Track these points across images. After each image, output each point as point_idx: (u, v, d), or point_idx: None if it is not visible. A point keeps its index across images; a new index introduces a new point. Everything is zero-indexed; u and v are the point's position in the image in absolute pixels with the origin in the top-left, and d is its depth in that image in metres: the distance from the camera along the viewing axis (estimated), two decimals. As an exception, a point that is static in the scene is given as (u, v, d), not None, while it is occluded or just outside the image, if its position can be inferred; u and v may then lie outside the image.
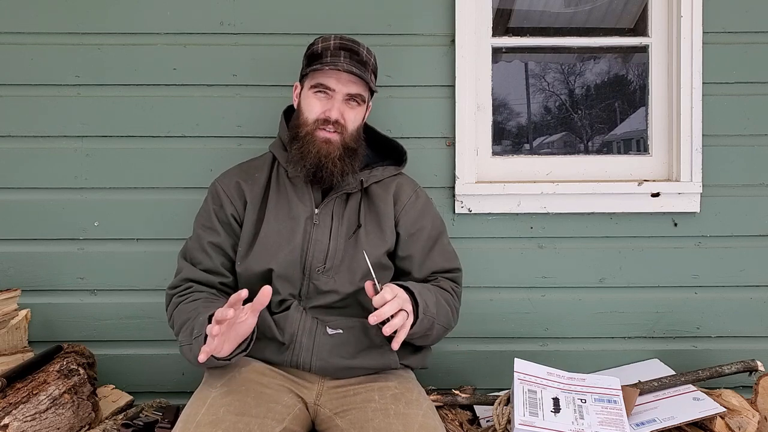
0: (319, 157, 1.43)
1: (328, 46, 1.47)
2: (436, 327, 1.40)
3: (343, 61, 1.43)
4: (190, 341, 1.29)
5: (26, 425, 1.38)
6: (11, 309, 1.67)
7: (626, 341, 1.93)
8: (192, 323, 1.32)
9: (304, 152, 1.44)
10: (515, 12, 2.06)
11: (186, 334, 1.32)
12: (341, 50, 1.46)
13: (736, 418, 1.51)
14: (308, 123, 1.46)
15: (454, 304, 1.50)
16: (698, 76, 1.87)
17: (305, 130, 1.46)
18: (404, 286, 1.35)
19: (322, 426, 1.38)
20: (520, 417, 1.40)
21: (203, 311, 1.32)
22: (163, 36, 1.85)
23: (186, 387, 1.78)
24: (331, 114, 1.45)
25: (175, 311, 1.41)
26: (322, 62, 1.44)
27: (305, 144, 1.44)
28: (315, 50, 1.48)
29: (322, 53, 1.46)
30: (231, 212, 1.49)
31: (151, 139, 1.86)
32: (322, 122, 1.45)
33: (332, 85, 1.45)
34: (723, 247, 1.91)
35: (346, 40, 1.49)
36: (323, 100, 1.46)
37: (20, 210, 1.85)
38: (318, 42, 1.50)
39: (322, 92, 1.46)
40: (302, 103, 1.50)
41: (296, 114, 1.52)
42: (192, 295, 1.42)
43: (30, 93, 1.84)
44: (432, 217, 1.57)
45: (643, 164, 1.96)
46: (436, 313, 1.39)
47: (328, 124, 1.45)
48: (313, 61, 1.47)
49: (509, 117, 2.12)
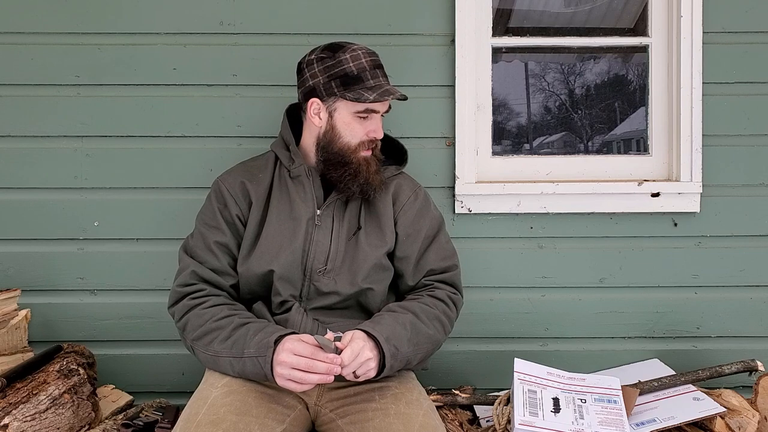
0: (368, 177, 1.46)
1: (362, 66, 1.43)
2: (418, 356, 1.39)
3: (385, 85, 1.45)
4: (239, 355, 1.29)
5: (26, 425, 1.38)
6: (11, 309, 1.67)
7: (626, 341, 1.93)
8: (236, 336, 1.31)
9: (355, 174, 1.46)
10: (515, 12, 2.06)
11: (226, 345, 1.31)
12: (376, 69, 1.46)
13: (736, 418, 1.51)
14: (351, 146, 1.46)
15: (446, 315, 1.46)
16: (698, 76, 1.87)
17: (354, 157, 1.46)
18: (370, 333, 1.29)
19: (323, 426, 1.38)
20: (520, 417, 1.40)
21: (248, 324, 1.33)
22: (163, 36, 1.85)
23: (186, 387, 1.77)
24: (378, 134, 1.48)
25: (191, 314, 1.38)
26: (366, 87, 1.42)
27: (359, 168, 1.46)
28: (349, 72, 1.42)
29: (360, 75, 1.43)
30: (236, 213, 1.49)
31: (151, 139, 1.86)
32: (367, 144, 1.48)
33: (378, 108, 1.47)
34: (723, 247, 1.91)
35: (374, 56, 1.48)
36: (364, 122, 1.47)
37: (20, 210, 1.85)
38: (347, 60, 1.43)
39: (366, 116, 1.46)
40: (340, 126, 1.46)
41: (330, 134, 1.46)
42: (209, 299, 1.40)
43: (30, 93, 1.84)
44: (430, 218, 1.56)
45: (643, 164, 1.96)
46: (413, 349, 1.35)
47: (372, 144, 1.48)
48: (353, 84, 1.42)
49: (509, 117, 2.12)
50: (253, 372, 1.28)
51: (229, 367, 1.32)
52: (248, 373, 1.29)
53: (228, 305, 1.41)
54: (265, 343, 1.26)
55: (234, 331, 1.32)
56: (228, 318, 1.35)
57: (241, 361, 1.29)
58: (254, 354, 1.26)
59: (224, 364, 1.32)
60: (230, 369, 1.32)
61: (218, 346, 1.32)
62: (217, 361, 1.33)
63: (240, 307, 1.43)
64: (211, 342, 1.33)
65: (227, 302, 1.42)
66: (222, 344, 1.32)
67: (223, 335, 1.32)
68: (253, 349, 1.27)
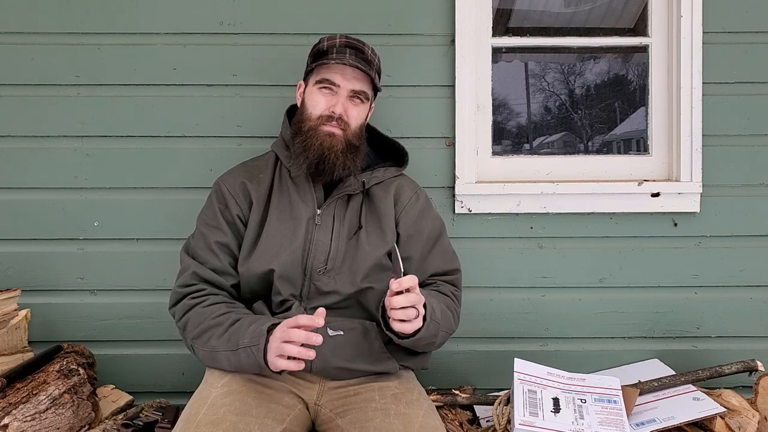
0: (323, 149, 1.44)
1: (334, 43, 1.49)
2: (441, 333, 1.40)
3: (348, 57, 1.45)
4: (234, 348, 1.29)
5: (26, 425, 1.38)
6: (11, 309, 1.67)
7: (626, 341, 1.93)
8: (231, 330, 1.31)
9: (307, 145, 1.45)
10: (515, 12, 2.06)
11: (222, 340, 1.31)
12: (347, 48, 1.48)
13: (736, 418, 1.51)
14: (312, 118, 1.47)
15: (455, 309, 1.50)
16: (698, 76, 1.87)
17: (309, 125, 1.46)
18: None
19: (323, 426, 1.38)
20: (520, 417, 1.40)
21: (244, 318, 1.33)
22: (163, 36, 1.85)
23: (186, 387, 1.77)
24: (336, 109, 1.45)
25: (191, 313, 1.39)
26: (327, 58, 1.45)
27: (309, 138, 1.45)
28: (321, 48, 1.50)
29: (328, 50, 1.48)
30: (237, 213, 1.49)
31: (151, 139, 1.86)
32: (326, 118, 1.46)
33: (337, 81, 1.46)
34: (723, 247, 1.91)
35: (352, 39, 1.50)
36: (328, 96, 1.47)
37: (20, 210, 1.85)
38: (324, 40, 1.52)
39: (327, 88, 1.46)
40: (306, 99, 1.50)
41: (300, 110, 1.53)
42: (208, 298, 1.41)
43: (30, 93, 1.84)
44: (432, 219, 1.57)
45: (643, 164, 1.96)
46: (441, 318, 1.38)
47: (332, 120, 1.45)
48: (319, 57, 1.48)
49: (509, 117, 2.12)
50: (247, 363, 1.28)
51: (226, 361, 1.32)
52: (243, 364, 1.30)
53: (227, 303, 1.41)
54: (258, 332, 1.27)
55: (230, 326, 1.33)
56: (226, 315, 1.36)
57: (236, 354, 1.29)
58: (248, 344, 1.27)
59: (222, 359, 1.33)
60: (227, 363, 1.32)
61: (215, 342, 1.33)
62: (215, 356, 1.34)
63: (239, 305, 1.43)
64: (209, 339, 1.34)
65: (226, 300, 1.43)
66: (218, 339, 1.33)
67: (220, 331, 1.33)
68: (247, 340, 1.28)
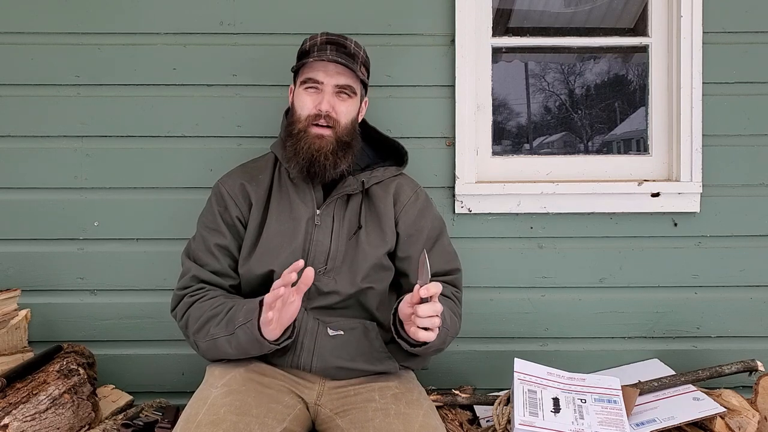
0: (311, 152, 1.44)
1: (315, 42, 1.49)
2: (448, 339, 1.42)
3: (329, 53, 1.45)
4: (232, 330, 1.31)
5: (26, 425, 1.38)
6: (11, 309, 1.67)
7: (626, 341, 1.93)
8: (228, 315, 1.33)
9: (297, 149, 1.45)
10: (515, 12, 2.06)
11: (221, 326, 1.33)
12: (327, 44, 1.48)
13: (736, 418, 1.51)
14: (301, 120, 1.47)
15: (458, 313, 1.51)
16: (698, 76, 1.87)
17: (298, 127, 1.47)
18: None
19: (323, 426, 1.38)
20: (520, 417, 1.40)
21: (239, 303, 1.35)
22: (163, 36, 1.85)
23: (186, 387, 1.77)
24: (322, 107, 1.45)
25: (192, 309, 1.41)
26: (309, 57, 1.46)
27: (298, 141, 1.45)
28: (303, 48, 1.51)
29: (310, 50, 1.48)
30: (236, 215, 1.49)
31: (151, 139, 1.86)
32: (314, 117, 1.45)
33: (320, 78, 1.45)
34: (723, 247, 1.91)
35: (333, 36, 1.50)
36: (313, 95, 1.47)
37: (20, 210, 1.85)
38: (306, 41, 1.52)
39: (312, 87, 1.46)
40: (295, 101, 1.50)
41: (290, 113, 1.53)
42: (207, 293, 1.43)
43: (30, 93, 1.84)
44: (432, 218, 1.57)
45: (643, 164, 1.96)
46: (450, 325, 1.40)
47: (320, 119, 1.45)
48: (302, 58, 1.49)
49: (509, 117, 2.12)
50: (246, 341, 1.29)
51: (227, 346, 1.33)
52: (243, 344, 1.31)
53: (224, 295, 1.43)
54: (251, 308, 1.29)
55: (228, 312, 1.34)
56: (223, 304, 1.37)
57: (235, 336, 1.30)
58: (243, 321, 1.29)
59: (223, 345, 1.34)
60: (228, 348, 1.33)
61: (215, 330, 1.34)
62: (216, 344, 1.35)
63: (237, 297, 1.44)
64: (209, 329, 1.36)
65: (225, 294, 1.44)
66: (217, 327, 1.34)
67: (219, 318, 1.35)
68: (242, 318, 1.29)
